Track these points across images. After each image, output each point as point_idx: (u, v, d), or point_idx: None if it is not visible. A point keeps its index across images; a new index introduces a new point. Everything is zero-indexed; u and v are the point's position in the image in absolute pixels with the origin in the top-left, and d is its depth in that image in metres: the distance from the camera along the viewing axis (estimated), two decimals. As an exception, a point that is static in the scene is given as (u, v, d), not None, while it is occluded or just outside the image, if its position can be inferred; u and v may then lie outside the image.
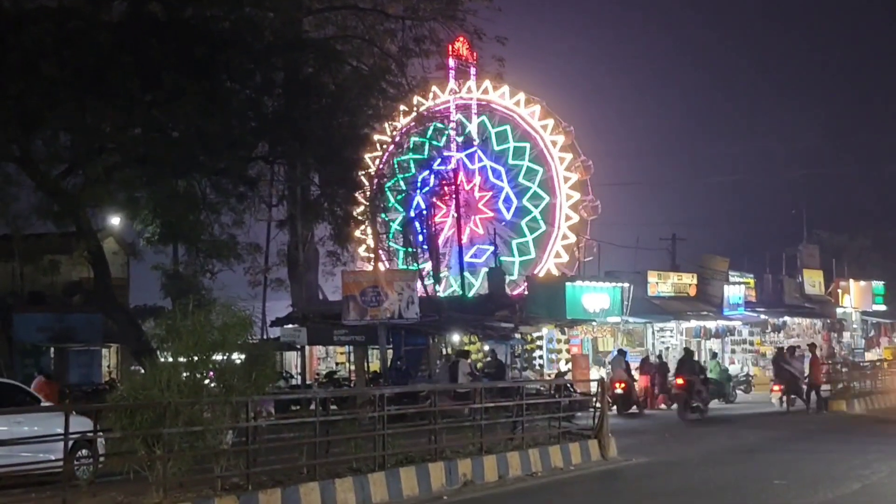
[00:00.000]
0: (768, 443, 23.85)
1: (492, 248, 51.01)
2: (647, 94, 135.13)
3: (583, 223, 51.99)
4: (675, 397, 33.19)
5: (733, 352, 48.79)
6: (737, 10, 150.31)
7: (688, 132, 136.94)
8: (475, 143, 51.81)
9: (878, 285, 63.45)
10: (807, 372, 33.60)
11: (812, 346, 36.50)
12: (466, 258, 49.98)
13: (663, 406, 36.19)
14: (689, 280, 50.75)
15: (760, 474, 18.28)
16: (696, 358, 35.55)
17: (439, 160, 47.44)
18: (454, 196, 47.55)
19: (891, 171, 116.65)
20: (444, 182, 47.41)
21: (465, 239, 51.42)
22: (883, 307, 63.39)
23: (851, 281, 61.05)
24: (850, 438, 24.47)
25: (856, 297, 60.26)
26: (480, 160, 53.39)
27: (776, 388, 34.04)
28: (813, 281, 59.19)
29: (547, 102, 53.20)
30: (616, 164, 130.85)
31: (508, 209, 53.03)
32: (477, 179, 53.46)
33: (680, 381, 32.52)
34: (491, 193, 53.37)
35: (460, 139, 50.02)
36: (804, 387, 33.36)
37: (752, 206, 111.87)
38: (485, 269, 50.02)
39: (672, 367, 36.77)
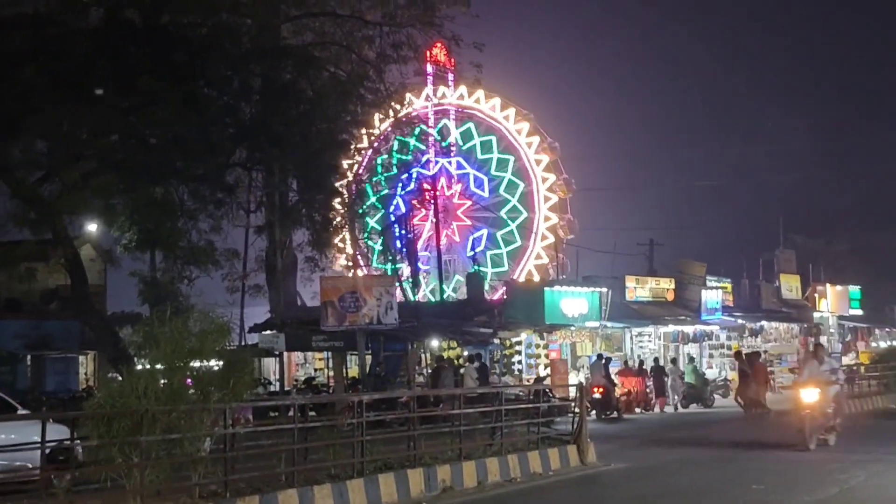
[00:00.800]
0: (746, 447, 23.90)
1: (486, 231, 51.43)
2: (624, 99, 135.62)
3: (559, 242, 52.22)
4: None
5: (711, 356, 48.98)
6: (715, 15, 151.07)
7: (665, 137, 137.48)
8: (453, 150, 51.90)
9: (855, 289, 63.76)
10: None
11: (757, 354, 37.03)
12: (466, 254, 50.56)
13: (666, 408, 37.19)
14: (666, 285, 50.94)
15: (739, 478, 18.32)
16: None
17: (418, 167, 47.54)
18: (433, 202, 47.63)
19: (866, 175, 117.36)
20: (422, 189, 47.56)
21: (455, 235, 51.85)
22: (859, 311, 63.70)
23: (828, 285, 61.34)
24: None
25: (832, 301, 60.54)
26: (461, 167, 53.60)
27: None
28: (790, 285, 59.48)
29: (524, 106, 53.51)
30: (594, 169, 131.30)
31: (482, 188, 53.26)
32: (459, 189, 53.69)
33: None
34: (462, 185, 53.52)
35: (443, 142, 50.09)
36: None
37: (730, 211, 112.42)
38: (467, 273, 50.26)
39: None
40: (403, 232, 47.47)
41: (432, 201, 47.85)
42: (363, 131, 43.76)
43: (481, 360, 35.74)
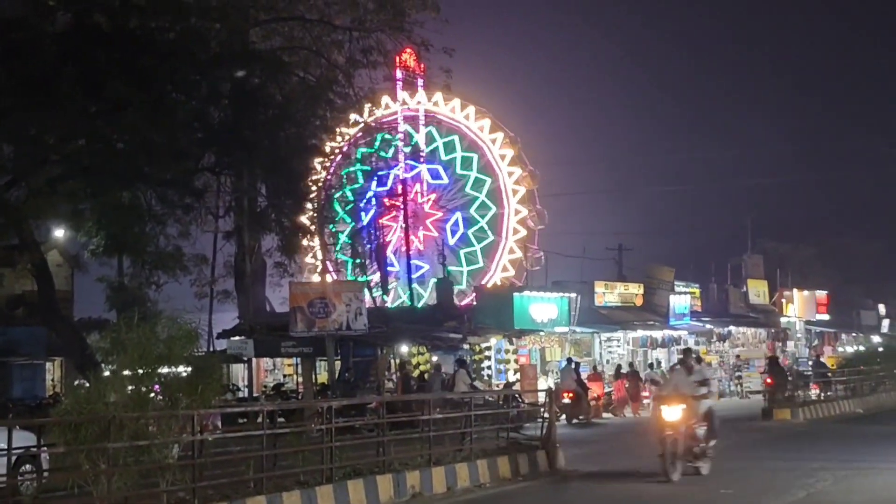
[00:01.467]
0: (715, 451, 23.98)
1: (427, 268, 51.21)
2: (593, 104, 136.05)
3: (531, 234, 52.27)
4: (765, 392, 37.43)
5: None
6: (687, 21, 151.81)
7: (634, 142, 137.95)
8: (422, 154, 51.81)
9: (822, 294, 64.15)
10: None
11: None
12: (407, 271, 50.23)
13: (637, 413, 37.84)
14: (635, 290, 51.12)
15: (707, 484, 18.38)
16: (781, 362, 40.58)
17: (386, 171, 47.44)
18: (402, 207, 47.60)
19: (833, 181, 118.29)
20: (391, 194, 47.53)
21: (431, 231, 51.71)
22: (826, 316, 64.08)
23: (795, 290, 61.68)
24: (795, 447, 24.70)
25: (800, 306, 60.88)
26: (440, 178, 53.47)
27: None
28: (757, 290, 59.78)
29: (493, 112, 53.41)
30: (563, 174, 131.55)
31: (454, 234, 52.97)
32: (422, 187, 53.57)
33: (769, 380, 36.41)
34: (441, 214, 53.31)
35: (407, 149, 49.93)
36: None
37: (698, 216, 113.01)
38: (433, 280, 50.11)
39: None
40: (372, 239, 47.32)
41: (401, 208, 47.81)
42: (333, 135, 43.58)
43: (464, 364, 35.89)
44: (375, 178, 47.46)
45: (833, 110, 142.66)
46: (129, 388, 14.40)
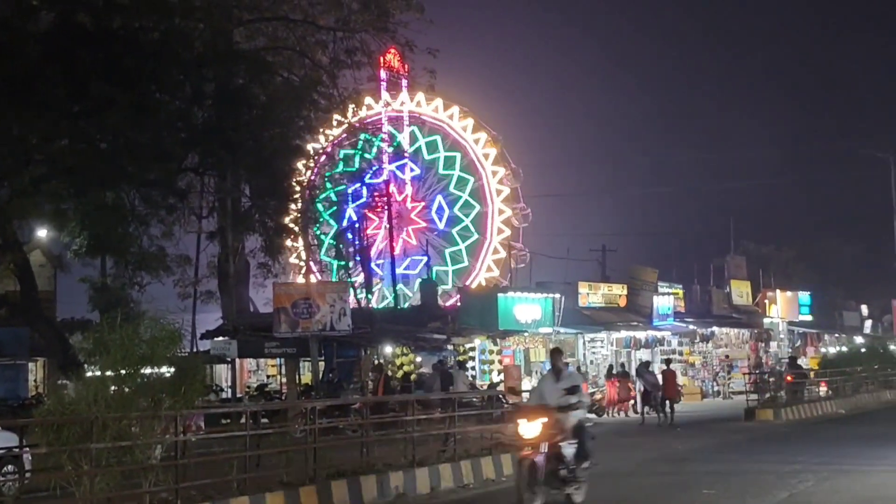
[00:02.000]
0: (698, 452, 24.06)
1: (426, 259, 51.22)
2: (577, 106, 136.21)
3: (515, 232, 52.43)
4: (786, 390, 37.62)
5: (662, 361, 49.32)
6: (673, 25, 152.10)
7: (617, 144, 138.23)
8: (406, 154, 51.83)
9: (805, 295, 64.36)
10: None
11: (668, 362, 37.49)
12: (400, 270, 50.16)
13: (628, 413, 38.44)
14: (619, 291, 51.20)
15: (689, 484, 18.41)
16: (799, 363, 41.45)
17: (371, 172, 47.39)
18: (386, 207, 47.56)
19: (814, 184, 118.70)
20: (376, 194, 47.45)
21: (398, 250, 51.54)
22: (809, 317, 64.28)
23: (778, 291, 61.85)
24: (777, 448, 24.76)
25: (782, 307, 61.03)
26: (412, 170, 53.58)
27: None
28: (740, 291, 59.92)
29: (477, 114, 53.60)
30: (547, 176, 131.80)
31: (441, 218, 53.21)
32: (408, 190, 53.65)
33: (790, 378, 37.15)
34: (423, 203, 53.48)
35: (390, 150, 49.93)
36: (658, 399, 34.25)
37: (681, 218, 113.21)
38: (419, 280, 50.16)
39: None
40: (356, 240, 47.26)
41: (385, 208, 47.78)
42: (317, 136, 43.56)
43: (462, 366, 35.95)
44: (358, 182, 47.34)
45: (815, 114, 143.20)
46: (112, 388, 14.36)
